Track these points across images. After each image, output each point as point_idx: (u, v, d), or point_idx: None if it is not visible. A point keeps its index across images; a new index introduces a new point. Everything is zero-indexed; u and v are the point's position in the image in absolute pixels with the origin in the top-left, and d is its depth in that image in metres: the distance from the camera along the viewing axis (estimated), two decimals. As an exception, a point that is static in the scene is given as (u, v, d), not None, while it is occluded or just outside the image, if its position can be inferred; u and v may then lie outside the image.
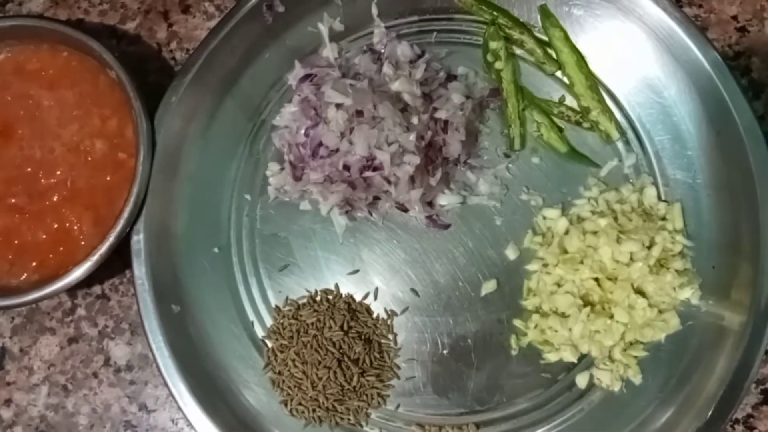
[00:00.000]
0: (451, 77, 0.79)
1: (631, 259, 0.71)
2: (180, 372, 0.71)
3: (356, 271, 0.78)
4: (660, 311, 0.72)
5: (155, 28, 0.85)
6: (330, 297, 0.77)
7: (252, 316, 0.77)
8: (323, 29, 0.80)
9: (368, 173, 0.71)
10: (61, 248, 0.74)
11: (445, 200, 0.77)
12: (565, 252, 0.73)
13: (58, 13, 0.86)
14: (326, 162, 0.72)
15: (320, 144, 0.72)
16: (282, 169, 0.78)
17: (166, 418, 0.77)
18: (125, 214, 0.72)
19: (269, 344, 0.76)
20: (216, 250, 0.77)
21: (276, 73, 0.80)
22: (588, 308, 0.71)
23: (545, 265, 0.74)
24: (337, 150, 0.72)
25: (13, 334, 0.79)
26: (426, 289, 0.77)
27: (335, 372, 0.72)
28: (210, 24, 0.84)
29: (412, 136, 0.70)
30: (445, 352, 0.76)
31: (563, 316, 0.73)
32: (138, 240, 0.72)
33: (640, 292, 0.72)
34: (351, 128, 0.70)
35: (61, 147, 0.76)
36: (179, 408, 0.71)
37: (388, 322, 0.76)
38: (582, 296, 0.73)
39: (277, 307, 0.77)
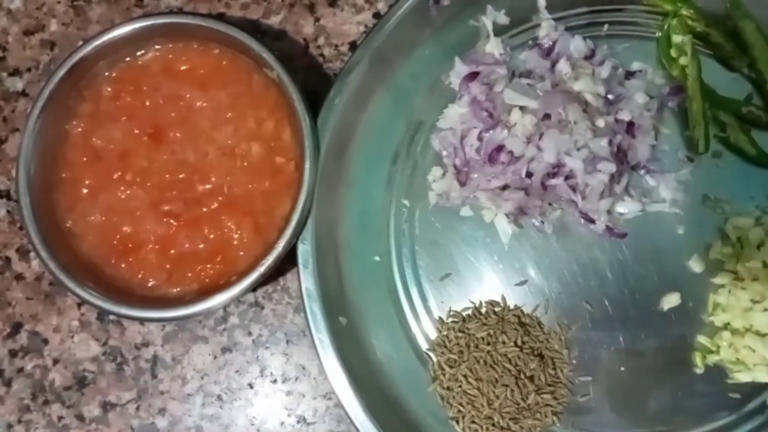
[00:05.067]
0: (629, 74, 0.73)
1: None
2: (352, 386, 0.68)
3: (524, 282, 0.73)
4: None
5: (301, 22, 0.81)
6: (497, 309, 0.73)
7: (415, 328, 0.74)
8: (487, 23, 0.74)
9: (552, 181, 0.67)
10: (219, 258, 0.71)
11: (625, 208, 0.72)
12: (765, 266, 0.68)
13: (197, 6, 0.82)
14: (509, 169, 0.67)
15: (499, 149, 0.68)
16: (444, 173, 0.74)
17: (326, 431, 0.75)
18: (293, 223, 0.68)
19: (434, 358, 0.73)
20: (377, 258, 0.74)
21: (435, 71, 0.76)
22: (791, 328, 0.66)
23: (738, 279, 0.69)
24: (521, 156, 0.67)
25: (164, 342, 0.77)
26: (599, 301, 0.72)
27: (512, 390, 0.69)
28: (359, 18, 0.80)
29: (604, 142, 0.65)
30: (621, 368, 0.71)
31: (760, 335, 0.68)
32: (306, 249, 0.69)
33: None
34: (540, 134, 0.66)
35: (216, 151, 0.72)
36: (351, 422, 0.68)
37: (561, 336, 0.72)
38: (784, 314, 0.68)
39: (440, 318, 0.74)
